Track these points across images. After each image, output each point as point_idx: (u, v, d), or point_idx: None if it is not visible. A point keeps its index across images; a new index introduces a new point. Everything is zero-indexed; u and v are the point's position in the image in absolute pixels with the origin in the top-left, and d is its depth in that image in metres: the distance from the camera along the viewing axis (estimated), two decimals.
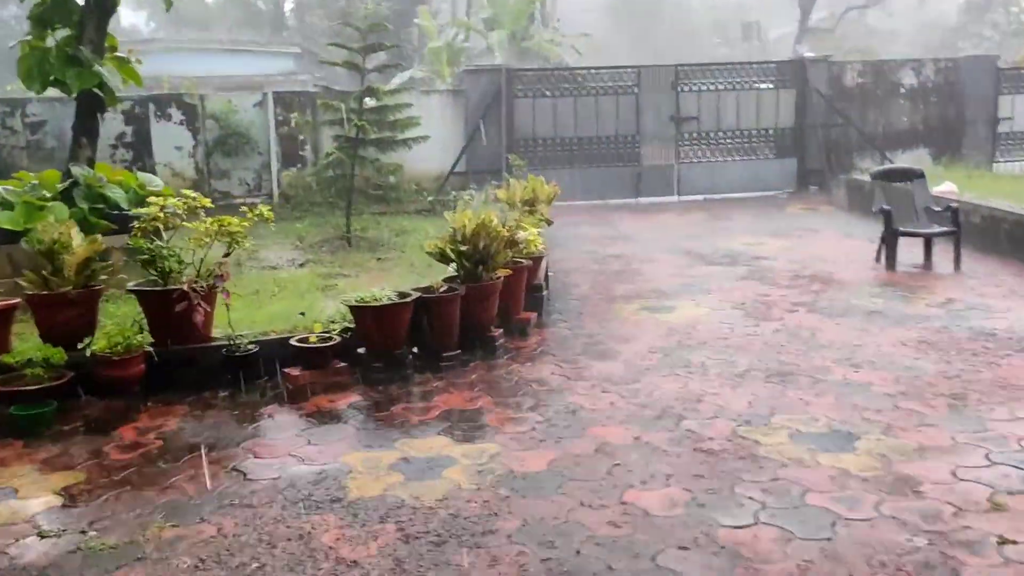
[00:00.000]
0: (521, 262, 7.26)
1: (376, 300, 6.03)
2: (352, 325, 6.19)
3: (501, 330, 6.86)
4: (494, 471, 4.40)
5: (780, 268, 9.44)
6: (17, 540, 3.75)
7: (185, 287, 5.59)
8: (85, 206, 8.21)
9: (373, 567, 3.46)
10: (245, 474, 4.46)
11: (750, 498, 4.01)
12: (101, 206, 8.35)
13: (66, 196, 8.24)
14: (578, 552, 3.56)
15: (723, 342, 6.70)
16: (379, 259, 10.02)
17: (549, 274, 8.62)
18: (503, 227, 6.86)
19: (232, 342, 5.79)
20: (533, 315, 7.42)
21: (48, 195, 8.13)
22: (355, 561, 3.51)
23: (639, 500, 4.02)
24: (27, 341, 5.85)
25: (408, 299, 6.12)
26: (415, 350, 6.27)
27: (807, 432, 4.82)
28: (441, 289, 6.43)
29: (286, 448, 4.81)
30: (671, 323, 7.36)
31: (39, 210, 7.75)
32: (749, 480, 4.21)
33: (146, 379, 5.61)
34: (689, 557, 3.49)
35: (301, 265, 9.76)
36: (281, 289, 8.18)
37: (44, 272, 5.73)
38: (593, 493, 4.11)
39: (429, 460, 4.57)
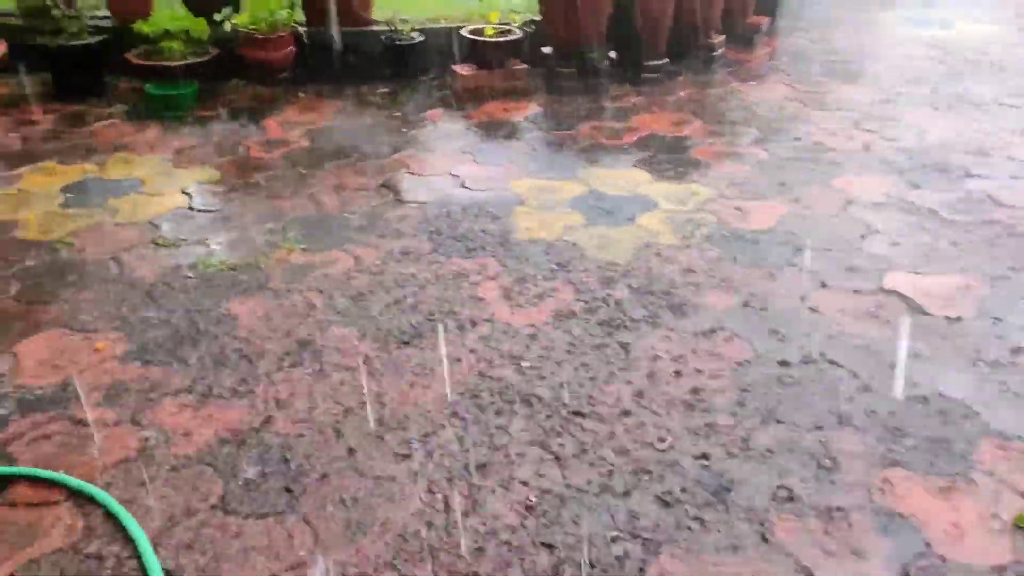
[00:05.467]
0: None
1: None
2: (538, 18, 5.01)
3: (723, 37, 5.44)
4: (704, 223, 3.36)
5: None
6: (130, 248, 3.20)
7: None
8: None
9: (541, 338, 2.64)
10: (395, 193, 3.67)
11: None
12: None
13: None
14: (823, 356, 2.55)
15: None
16: None
17: None
18: None
19: (393, 28, 4.80)
20: (765, 20, 5.88)
21: None
22: (519, 329, 2.69)
23: (908, 288, 2.89)
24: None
25: None
26: (612, 55, 5.06)
27: None
28: None
29: (446, 165, 3.94)
30: (946, 41, 5.64)
31: None
32: None
33: (297, 66, 4.82)
34: (983, 384, 2.41)
35: None
36: None
37: None
38: (841, 270, 3.01)
39: (621, 201, 3.58)
